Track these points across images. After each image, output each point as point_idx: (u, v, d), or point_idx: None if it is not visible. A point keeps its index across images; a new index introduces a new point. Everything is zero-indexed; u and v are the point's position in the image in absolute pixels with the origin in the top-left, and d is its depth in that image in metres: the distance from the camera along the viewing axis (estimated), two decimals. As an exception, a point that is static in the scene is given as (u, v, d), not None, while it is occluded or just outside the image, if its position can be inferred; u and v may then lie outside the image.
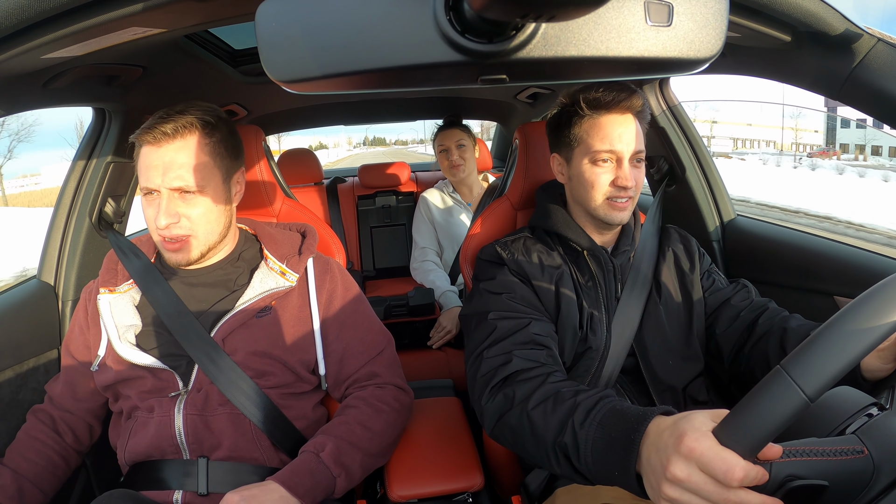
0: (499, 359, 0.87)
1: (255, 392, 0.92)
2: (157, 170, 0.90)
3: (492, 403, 0.84)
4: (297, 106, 2.22)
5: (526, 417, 0.78)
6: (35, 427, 0.99)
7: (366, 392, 1.00)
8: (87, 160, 1.25)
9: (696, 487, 0.50)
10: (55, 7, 0.63)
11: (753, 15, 0.72)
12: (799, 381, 0.46)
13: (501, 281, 0.98)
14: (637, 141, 0.96)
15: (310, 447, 0.90)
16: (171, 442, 0.90)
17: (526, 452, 0.80)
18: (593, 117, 0.96)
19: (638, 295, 1.00)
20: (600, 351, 0.96)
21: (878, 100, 0.73)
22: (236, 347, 0.93)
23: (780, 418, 0.46)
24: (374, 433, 0.95)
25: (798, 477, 0.50)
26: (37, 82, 0.88)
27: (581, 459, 0.68)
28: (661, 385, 0.98)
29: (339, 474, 0.89)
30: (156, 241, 0.95)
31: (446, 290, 2.03)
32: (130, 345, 0.93)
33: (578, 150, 0.98)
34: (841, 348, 0.46)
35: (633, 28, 0.41)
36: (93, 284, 1.03)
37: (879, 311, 0.45)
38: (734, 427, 0.49)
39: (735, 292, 1.04)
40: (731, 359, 1.01)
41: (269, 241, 1.03)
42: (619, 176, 0.95)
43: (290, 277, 0.99)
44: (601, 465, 0.66)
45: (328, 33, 0.40)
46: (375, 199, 2.59)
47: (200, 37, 1.24)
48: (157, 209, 0.91)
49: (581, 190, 0.99)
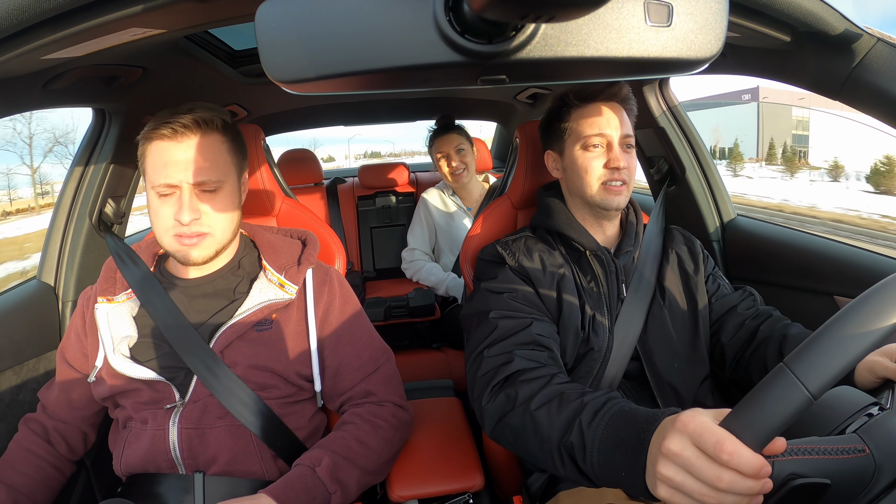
0: (500, 358, 0.87)
1: (254, 402, 0.90)
2: (177, 165, 0.87)
3: (492, 404, 0.83)
4: (297, 106, 2.22)
5: (529, 418, 0.77)
6: (27, 438, 0.98)
7: (363, 409, 0.98)
8: (86, 161, 1.25)
9: (689, 462, 0.51)
10: (55, 8, 0.63)
11: (753, 15, 0.72)
12: (802, 378, 0.46)
13: (503, 280, 0.98)
14: (624, 126, 1.00)
15: (305, 461, 0.88)
16: (166, 456, 0.88)
17: (528, 453, 0.79)
18: (582, 107, 1.01)
19: (642, 297, 1.00)
20: (602, 353, 0.95)
21: (877, 100, 0.73)
22: (236, 360, 0.91)
23: (784, 415, 0.46)
24: (371, 450, 0.93)
25: (800, 475, 0.50)
26: (37, 83, 0.88)
27: (587, 459, 0.68)
28: (665, 389, 0.97)
29: (335, 491, 0.86)
30: (166, 242, 0.91)
31: (446, 278, 2.03)
32: (124, 357, 0.91)
33: (570, 140, 1.02)
34: (844, 346, 0.46)
35: (632, 28, 0.41)
36: (90, 290, 1.01)
37: (882, 310, 0.45)
38: (737, 425, 0.49)
39: (741, 300, 1.04)
40: (733, 365, 1.01)
41: (267, 250, 1.00)
42: (611, 158, 0.98)
43: (288, 290, 0.96)
44: (608, 466, 0.65)
45: (328, 34, 0.41)
46: (375, 200, 2.59)
47: (200, 37, 1.24)
48: (178, 205, 0.88)
49: (576, 178, 1.01)
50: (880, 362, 0.71)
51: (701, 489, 0.50)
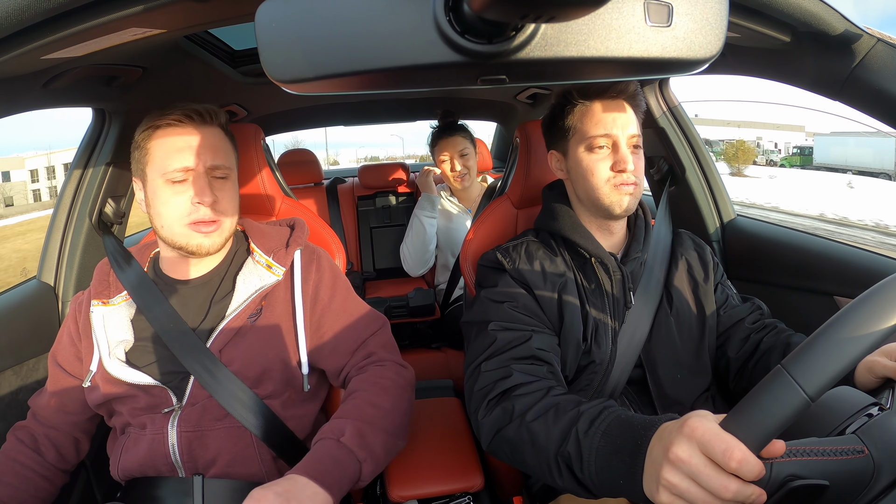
0: (497, 373, 0.85)
1: (254, 402, 0.90)
2: (190, 150, 0.89)
3: (489, 418, 0.82)
4: (297, 106, 2.22)
5: (525, 430, 0.76)
6: (14, 447, 0.95)
7: (366, 374, 0.96)
8: (86, 161, 1.25)
9: (696, 470, 0.50)
10: (55, 8, 0.63)
11: (753, 15, 0.72)
12: (800, 380, 0.46)
13: (503, 289, 0.95)
14: (632, 125, 0.93)
15: (327, 433, 0.85)
16: (166, 460, 0.88)
17: (525, 466, 0.78)
18: (585, 104, 0.95)
19: (650, 301, 0.96)
20: (604, 365, 0.92)
21: (877, 100, 0.73)
22: (233, 357, 0.91)
23: (781, 417, 0.46)
24: (385, 410, 0.91)
25: (799, 476, 0.50)
26: (37, 83, 0.88)
27: (584, 469, 0.67)
28: (667, 400, 0.94)
29: (365, 458, 0.83)
30: (178, 231, 0.90)
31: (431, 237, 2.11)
32: (120, 362, 0.90)
33: (574, 140, 0.96)
34: (841, 348, 0.46)
35: (632, 28, 0.41)
36: (82, 296, 1.00)
37: (879, 312, 0.45)
38: (735, 427, 0.49)
39: (749, 313, 1.01)
40: (737, 377, 0.99)
41: (256, 235, 1.01)
42: (618, 160, 0.92)
43: (276, 271, 0.96)
44: (606, 474, 0.65)
45: (328, 34, 0.40)
46: (375, 200, 2.59)
47: (200, 37, 1.24)
48: (196, 188, 0.89)
49: (581, 180, 0.96)
50: (880, 362, 0.71)
51: (706, 498, 0.50)
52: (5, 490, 0.91)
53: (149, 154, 0.91)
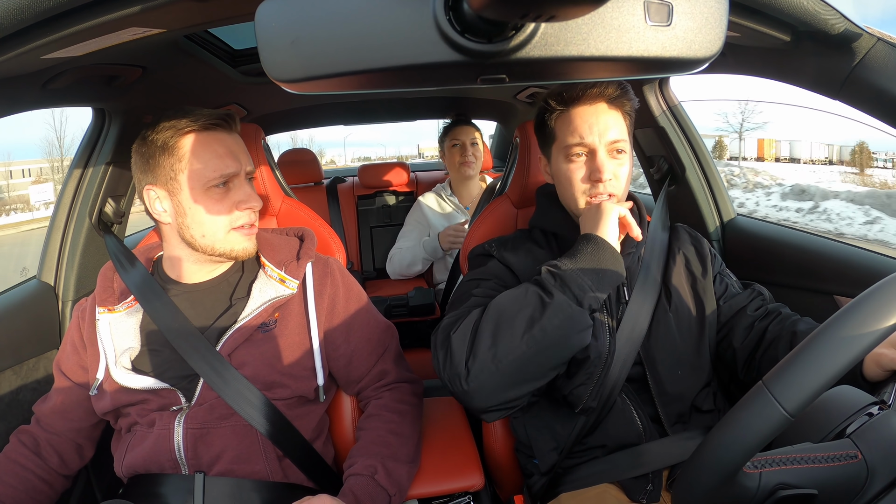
0: (459, 312, 0.89)
1: (262, 402, 0.90)
2: (231, 156, 0.90)
3: (453, 335, 0.85)
4: (297, 106, 2.22)
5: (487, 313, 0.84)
6: (15, 450, 0.96)
7: (383, 399, 1.00)
8: (86, 161, 1.25)
9: None
10: (55, 7, 0.63)
11: (753, 15, 0.72)
12: (779, 397, 0.47)
13: (490, 269, 0.97)
14: (612, 130, 0.91)
15: (360, 470, 0.89)
16: (170, 456, 0.88)
17: (498, 336, 0.82)
18: (563, 112, 0.94)
19: (648, 297, 0.95)
20: (603, 358, 0.91)
21: (877, 99, 0.73)
22: (244, 362, 0.91)
23: (761, 433, 0.47)
24: (406, 437, 0.96)
25: (788, 485, 0.50)
26: (36, 82, 0.88)
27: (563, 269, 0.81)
28: (667, 397, 0.94)
29: (395, 493, 0.89)
30: (221, 237, 0.91)
31: (419, 250, 2.13)
32: (126, 370, 0.90)
33: (555, 148, 0.97)
34: (820, 365, 0.46)
35: (632, 28, 0.41)
36: (85, 302, 0.99)
37: (860, 327, 0.46)
38: (716, 443, 0.50)
39: (750, 300, 1.00)
40: (745, 368, 0.98)
41: (266, 248, 0.99)
42: (593, 169, 0.90)
43: (289, 284, 0.96)
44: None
45: (328, 33, 0.40)
46: (375, 199, 2.60)
47: (200, 37, 1.24)
48: (245, 193, 0.91)
49: (561, 189, 0.97)
50: (887, 354, 0.70)
51: None
52: (5, 490, 0.91)
53: (183, 161, 0.88)
